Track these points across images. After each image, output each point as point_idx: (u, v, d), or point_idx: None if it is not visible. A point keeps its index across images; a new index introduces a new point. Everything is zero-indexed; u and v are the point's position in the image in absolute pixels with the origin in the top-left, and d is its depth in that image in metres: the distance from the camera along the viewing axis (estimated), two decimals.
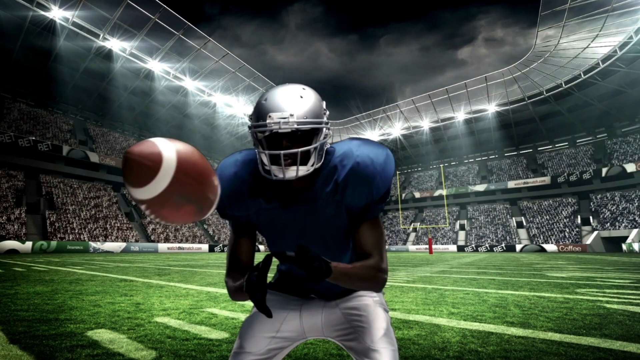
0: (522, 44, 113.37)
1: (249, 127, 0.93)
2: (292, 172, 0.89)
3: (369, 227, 1.00)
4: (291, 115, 0.86)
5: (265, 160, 0.92)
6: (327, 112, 0.97)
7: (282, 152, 0.87)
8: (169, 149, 0.74)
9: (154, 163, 0.72)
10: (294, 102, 0.88)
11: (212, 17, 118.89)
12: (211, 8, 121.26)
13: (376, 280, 0.96)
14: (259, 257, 20.24)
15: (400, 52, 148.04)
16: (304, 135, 0.90)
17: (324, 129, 0.92)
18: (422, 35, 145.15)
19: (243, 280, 0.89)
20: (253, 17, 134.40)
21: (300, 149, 0.87)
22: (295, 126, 0.86)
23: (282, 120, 0.86)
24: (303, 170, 0.90)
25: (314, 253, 0.81)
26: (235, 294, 0.92)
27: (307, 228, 1.02)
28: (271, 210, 1.02)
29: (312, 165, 0.92)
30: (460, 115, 55.77)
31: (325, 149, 0.96)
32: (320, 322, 1.04)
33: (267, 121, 0.87)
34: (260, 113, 0.90)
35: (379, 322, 0.98)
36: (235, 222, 1.08)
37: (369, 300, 1.04)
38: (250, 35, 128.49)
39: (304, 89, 0.92)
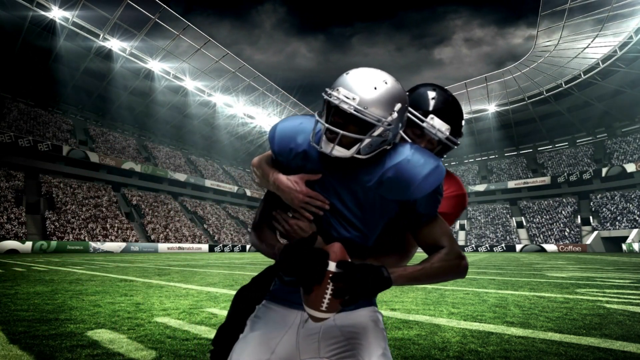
0: (502, 44, 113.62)
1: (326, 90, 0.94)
2: (328, 147, 0.90)
3: (429, 225, 0.99)
4: (354, 99, 0.86)
5: (318, 126, 0.93)
6: (400, 116, 0.92)
7: (327, 125, 0.88)
8: None
9: None
10: (366, 88, 0.87)
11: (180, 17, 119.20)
12: (176, 7, 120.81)
13: (456, 270, 0.95)
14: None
15: (376, 52, 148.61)
16: (358, 123, 0.89)
17: (382, 128, 0.89)
18: (393, 36, 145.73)
19: (276, 249, 0.96)
20: (221, 17, 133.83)
21: (342, 132, 0.87)
22: (351, 110, 0.85)
23: (345, 98, 0.86)
24: (339, 151, 0.90)
25: (362, 264, 0.83)
26: (263, 253, 1.02)
27: (337, 204, 1.00)
28: (312, 170, 1.00)
29: (354, 154, 0.91)
30: None
31: (380, 147, 0.94)
32: (318, 338, 1.01)
33: (334, 92, 0.88)
34: (337, 82, 0.91)
35: (379, 341, 0.96)
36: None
37: (368, 320, 1.02)
38: (226, 35, 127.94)
39: (385, 82, 0.89)
